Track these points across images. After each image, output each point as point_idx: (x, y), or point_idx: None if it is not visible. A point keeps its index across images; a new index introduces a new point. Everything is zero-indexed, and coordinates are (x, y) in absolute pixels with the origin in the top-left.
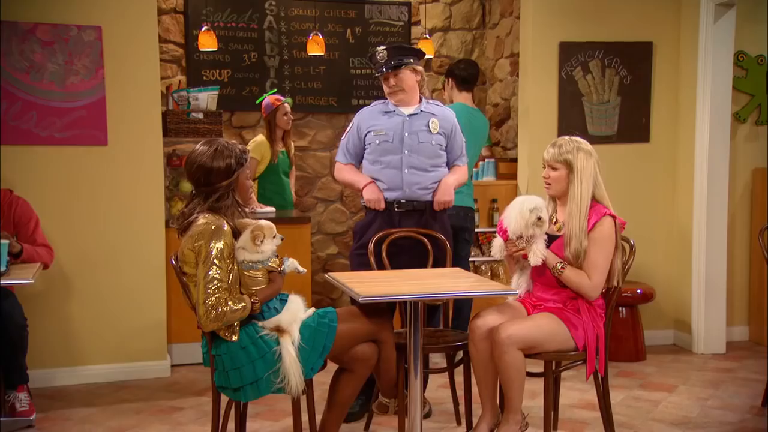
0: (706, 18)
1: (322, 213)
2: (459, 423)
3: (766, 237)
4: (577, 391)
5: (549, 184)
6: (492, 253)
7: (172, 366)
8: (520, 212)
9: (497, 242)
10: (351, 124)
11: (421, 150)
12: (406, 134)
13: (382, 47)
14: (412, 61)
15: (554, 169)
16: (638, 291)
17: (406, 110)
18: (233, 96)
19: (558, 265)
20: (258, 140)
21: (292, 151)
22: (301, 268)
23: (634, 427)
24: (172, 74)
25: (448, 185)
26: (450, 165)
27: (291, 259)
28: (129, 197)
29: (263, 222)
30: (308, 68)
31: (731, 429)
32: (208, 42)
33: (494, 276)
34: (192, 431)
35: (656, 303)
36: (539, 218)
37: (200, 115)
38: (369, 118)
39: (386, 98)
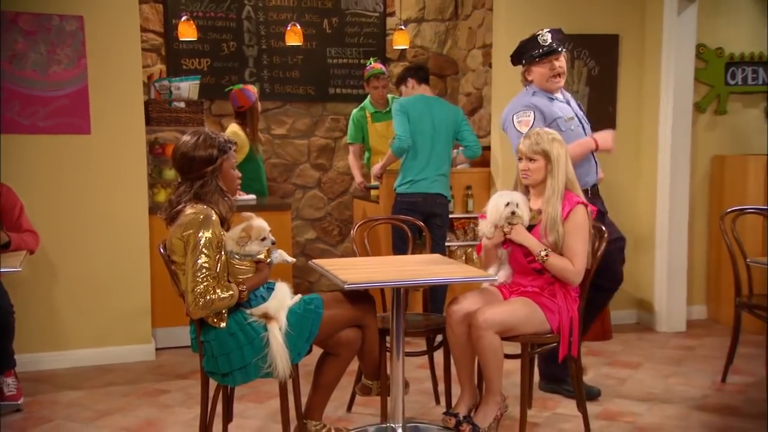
0: (669, 12)
1: (300, 199)
2: (438, 402)
3: (727, 221)
4: None
5: (527, 175)
6: (480, 232)
7: (157, 349)
8: (496, 206)
9: (483, 222)
10: (526, 114)
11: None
12: (582, 116)
13: (545, 30)
14: (568, 47)
15: (532, 160)
16: None
17: (560, 96)
18: (212, 85)
19: (542, 252)
20: (234, 129)
21: (261, 138)
22: (289, 259)
23: (602, 403)
24: (152, 63)
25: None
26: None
27: (279, 251)
28: (112, 185)
29: (255, 223)
30: (286, 58)
31: (694, 404)
32: (187, 32)
33: (468, 260)
34: (179, 413)
35: (624, 285)
36: (513, 213)
37: (182, 104)
38: (545, 106)
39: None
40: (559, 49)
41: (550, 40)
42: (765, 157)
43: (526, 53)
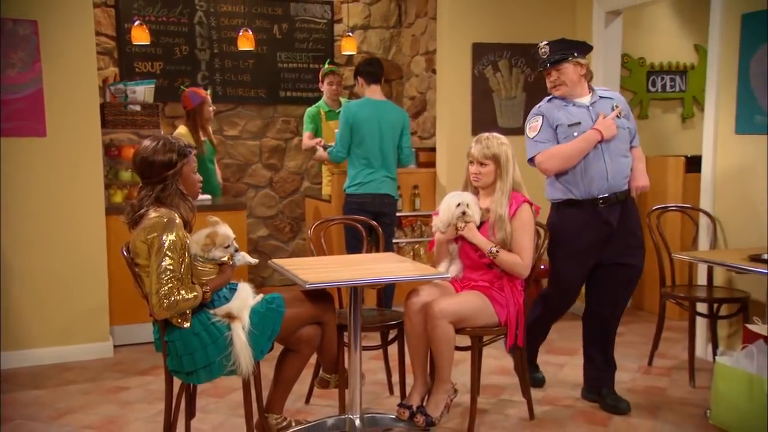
0: (597, 24)
1: (253, 198)
2: (391, 393)
3: (653, 218)
4: (492, 359)
5: (478, 178)
6: (434, 227)
7: (115, 347)
8: (448, 206)
9: (437, 218)
10: (534, 120)
11: (618, 136)
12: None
13: (544, 42)
14: (575, 54)
15: (483, 164)
16: (542, 267)
17: (584, 100)
18: (166, 87)
19: (493, 249)
20: (182, 132)
21: (214, 139)
22: (251, 260)
23: (543, 389)
24: (104, 66)
25: (642, 170)
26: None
27: (242, 253)
28: (69, 186)
29: (221, 231)
30: (238, 62)
31: (624, 387)
32: (141, 36)
33: (416, 256)
34: (140, 410)
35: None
36: (464, 212)
37: (138, 108)
38: (552, 112)
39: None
40: (547, 65)
41: (548, 53)
42: (682, 159)
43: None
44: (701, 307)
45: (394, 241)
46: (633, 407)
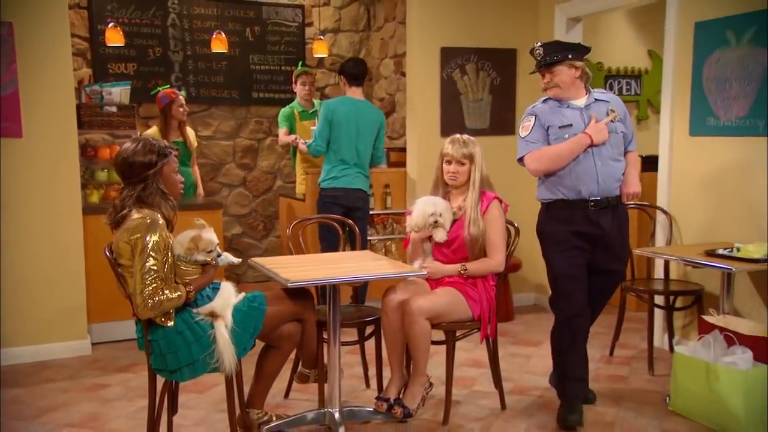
0: (559, 30)
1: (227, 197)
2: (368, 386)
3: None
4: (462, 351)
5: (456, 177)
6: (408, 227)
7: (93, 344)
8: (422, 212)
9: (410, 218)
10: (527, 120)
11: (610, 140)
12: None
13: (538, 44)
14: (570, 57)
15: (462, 164)
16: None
17: (578, 102)
18: (139, 88)
19: (460, 269)
20: (151, 132)
21: (190, 140)
22: (234, 260)
23: (513, 380)
24: (78, 67)
25: (633, 175)
26: (625, 152)
27: (225, 254)
28: (46, 187)
29: (205, 236)
30: (211, 63)
31: (588, 376)
32: (115, 37)
33: (387, 252)
34: (121, 407)
35: (522, 271)
36: (436, 222)
37: (114, 109)
38: (545, 113)
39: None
40: (540, 67)
41: (542, 55)
42: (639, 158)
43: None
44: (659, 299)
45: (367, 238)
46: (597, 396)
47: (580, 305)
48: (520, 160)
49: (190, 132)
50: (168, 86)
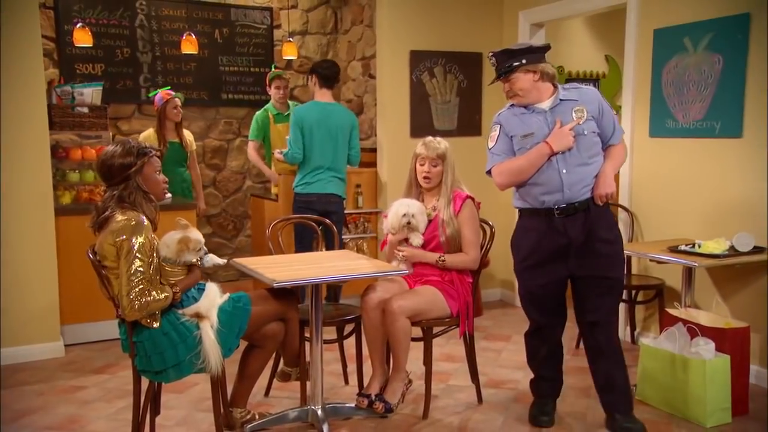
0: (522, 35)
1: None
2: (347, 383)
3: None
4: (437, 347)
5: (430, 178)
6: (385, 229)
7: (66, 346)
8: (396, 214)
9: (386, 220)
10: (493, 130)
11: (577, 144)
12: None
13: (491, 54)
14: (524, 62)
15: (436, 165)
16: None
17: (543, 105)
18: (108, 89)
19: (439, 259)
20: (146, 133)
21: (187, 141)
22: (220, 261)
23: (486, 374)
24: (44, 67)
25: (606, 175)
26: (605, 146)
27: (210, 255)
28: (18, 188)
29: (192, 236)
30: (180, 64)
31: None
32: (83, 38)
33: (359, 250)
34: (100, 409)
35: (490, 268)
36: (409, 223)
37: (85, 110)
38: (510, 121)
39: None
40: (498, 77)
41: (496, 65)
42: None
43: None
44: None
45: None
46: (567, 387)
47: (549, 316)
48: (488, 172)
49: (187, 133)
50: (168, 88)
